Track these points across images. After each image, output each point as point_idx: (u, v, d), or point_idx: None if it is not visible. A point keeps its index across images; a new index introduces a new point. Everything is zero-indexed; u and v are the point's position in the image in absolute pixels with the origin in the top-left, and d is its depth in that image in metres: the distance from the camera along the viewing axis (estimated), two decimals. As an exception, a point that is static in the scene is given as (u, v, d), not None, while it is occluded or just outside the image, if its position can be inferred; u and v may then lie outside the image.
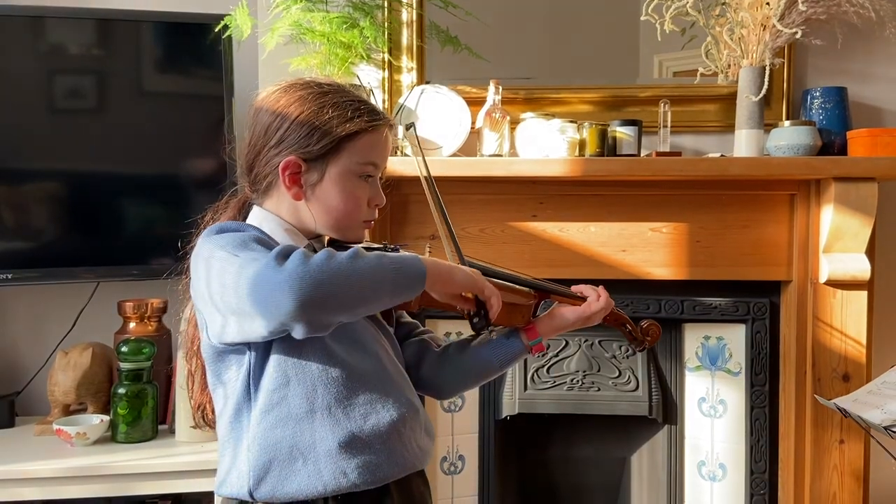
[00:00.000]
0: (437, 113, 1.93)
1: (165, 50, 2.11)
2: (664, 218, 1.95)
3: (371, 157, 1.11)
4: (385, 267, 0.96)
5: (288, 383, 1.02)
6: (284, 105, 1.08)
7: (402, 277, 0.97)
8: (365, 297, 0.94)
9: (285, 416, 1.02)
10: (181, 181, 2.09)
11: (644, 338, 1.30)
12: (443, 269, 1.02)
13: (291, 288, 0.88)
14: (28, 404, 2.14)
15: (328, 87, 1.11)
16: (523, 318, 1.18)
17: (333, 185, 1.08)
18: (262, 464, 1.01)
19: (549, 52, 2.16)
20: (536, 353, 1.20)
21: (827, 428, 1.90)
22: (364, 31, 1.86)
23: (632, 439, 2.17)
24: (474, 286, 1.04)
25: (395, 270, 0.96)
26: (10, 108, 2.00)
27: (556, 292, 1.22)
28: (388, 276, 0.96)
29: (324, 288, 0.90)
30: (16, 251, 2.02)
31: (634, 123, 1.91)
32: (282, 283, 0.89)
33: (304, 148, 1.07)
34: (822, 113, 1.94)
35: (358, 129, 1.08)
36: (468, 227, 1.95)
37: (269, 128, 1.09)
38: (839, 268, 1.85)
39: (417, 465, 1.11)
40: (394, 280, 0.96)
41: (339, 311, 0.93)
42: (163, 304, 2.07)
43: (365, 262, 0.94)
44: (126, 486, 1.78)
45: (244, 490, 1.02)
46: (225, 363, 1.04)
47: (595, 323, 1.22)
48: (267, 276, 0.90)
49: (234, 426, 1.05)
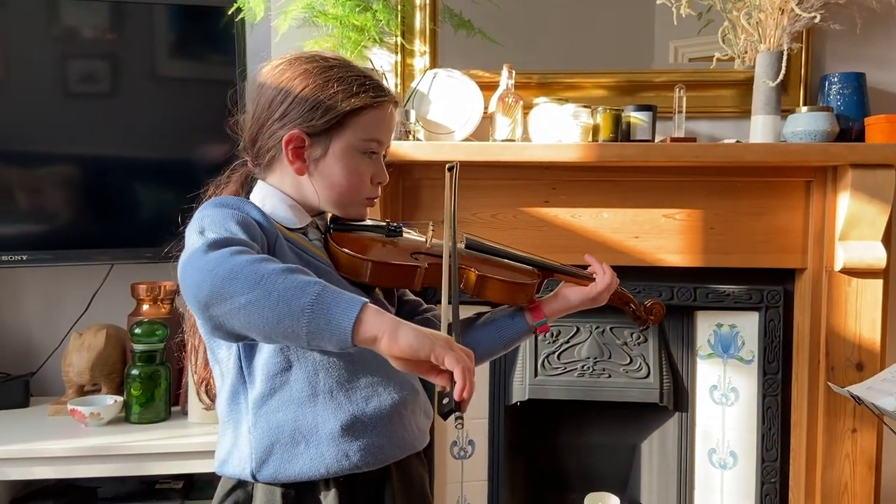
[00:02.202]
0: (450, 97, 1.92)
1: (179, 33, 2.11)
2: (678, 204, 1.94)
3: (375, 134, 1.09)
4: (304, 298, 0.82)
5: (290, 367, 1.02)
6: (289, 78, 1.07)
7: (321, 321, 0.82)
8: (268, 319, 0.83)
9: (287, 400, 1.02)
10: (194, 165, 2.09)
11: (647, 317, 1.29)
12: (384, 327, 0.82)
13: (199, 278, 0.87)
14: (42, 385, 2.16)
15: (333, 62, 1.09)
16: (526, 297, 1.17)
17: (337, 161, 1.07)
18: (264, 446, 1.02)
19: (563, 37, 2.14)
20: (541, 334, 1.19)
21: (839, 417, 1.89)
22: (377, 14, 1.85)
23: (642, 426, 2.17)
24: (425, 351, 0.82)
25: (314, 307, 0.81)
26: (25, 92, 2.01)
27: (561, 271, 1.21)
28: (301, 309, 0.82)
29: (224, 287, 0.84)
30: (30, 233, 2.04)
31: (649, 109, 1.90)
32: (195, 270, 0.88)
33: (308, 122, 1.05)
34: (840, 99, 1.92)
35: (363, 105, 1.06)
36: (480, 213, 1.95)
37: (273, 101, 1.08)
38: (855, 256, 1.83)
39: (417, 446, 1.11)
40: (309, 317, 0.82)
41: (236, 319, 0.85)
42: (176, 287, 2.08)
43: (287, 281, 0.83)
44: (139, 466, 1.80)
45: (246, 471, 1.03)
46: (216, 341, 1.04)
47: (601, 303, 1.22)
48: (191, 259, 0.90)
49: (232, 407, 1.05)
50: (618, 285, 1.23)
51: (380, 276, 1.07)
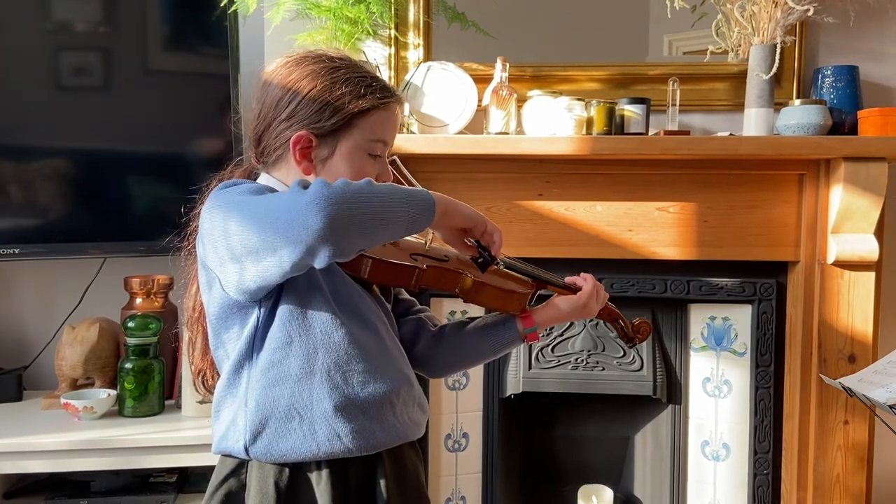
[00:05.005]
0: (444, 90, 1.92)
1: (172, 25, 2.10)
2: (671, 197, 1.94)
3: (381, 135, 1.11)
4: (398, 193, 0.99)
5: (290, 343, 1.03)
6: (296, 79, 1.08)
7: (415, 205, 0.99)
8: (384, 220, 0.96)
9: (284, 375, 1.03)
10: (187, 158, 2.08)
11: (635, 335, 1.33)
12: (449, 203, 1.06)
13: (319, 206, 0.90)
14: (35, 379, 2.16)
15: (340, 62, 1.10)
16: (519, 306, 1.19)
17: (343, 161, 1.08)
18: (259, 420, 1.03)
19: (557, 30, 2.14)
20: (531, 342, 1.21)
21: (831, 409, 1.90)
22: (370, 7, 1.85)
23: (636, 419, 2.18)
24: (478, 221, 1.10)
25: (408, 197, 0.99)
26: (17, 84, 2.00)
27: (552, 283, 1.24)
28: (401, 202, 0.98)
29: (348, 207, 0.92)
30: (23, 227, 2.03)
31: (643, 102, 1.90)
32: (308, 203, 0.91)
33: (316, 123, 1.07)
34: (833, 92, 1.92)
35: (370, 106, 1.08)
36: (474, 206, 1.90)
37: (279, 101, 1.08)
38: (847, 248, 1.84)
39: (410, 436, 1.12)
40: (408, 208, 0.98)
41: (361, 233, 0.95)
42: (169, 281, 2.08)
43: (381, 187, 0.98)
44: (132, 459, 1.80)
45: (240, 445, 1.04)
46: (227, 322, 1.05)
47: (591, 316, 1.25)
48: (293, 201, 0.92)
49: (232, 383, 1.06)
50: (607, 298, 1.26)
51: (379, 273, 1.08)
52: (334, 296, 1.05)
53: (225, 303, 1.04)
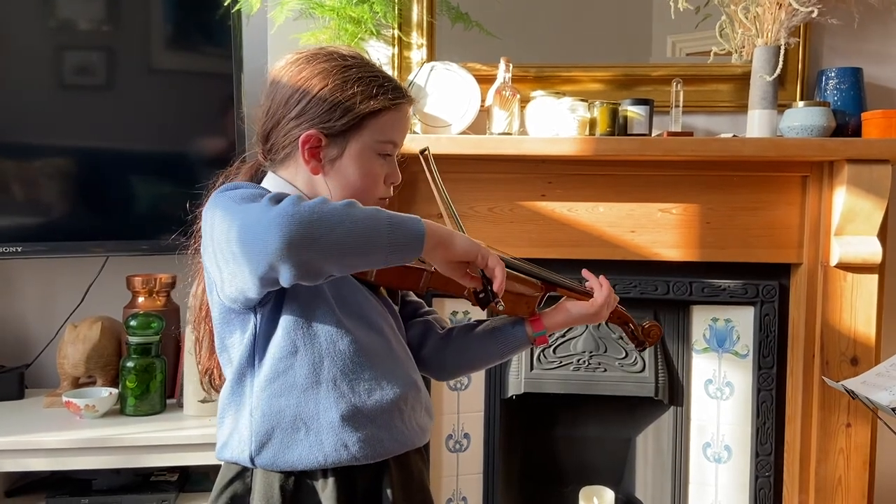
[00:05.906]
0: (447, 90, 1.92)
1: (174, 25, 2.10)
2: (674, 199, 1.94)
3: (391, 136, 1.09)
4: (381, 220, 0.92)
5: (296, 353, 1.02)
6: (307, 77, 1.06)
7: (399, 235, 0.92)
8: (356, 246, 0.90)
9: (290, 385, 1.02)
10: (190, 157, 2.08)
11: (645, 338, 1.31)
12: (443, 234, 0.97)
13: (279, 225, 0.86)
14: (37, 377, 2.16)
15: (352, 61, 1.08)
16: (528, 309, 1.18)
17: (352, 162, 1.06)
18: (264, 430, 1.02)
19: (561, 30, 2.14)
20: (540, 346, 1.20)
21: (834, 411, 1.89)
22: (374, 6, 1.85)
23: (637, 420, 2.18)
24: (476, 254, 1.00)
25: (391, 226, 0.92)
26: (20, 83, 2.00)
27: (562, 286, 1.21)
28: (383, 230, 0.91)
29: (312, 228, 0.87)
30: (26, 225, 2.03)
31: (646, 103, 1.90)
32: (272, 220, 0.87)
33: (326, 123, 1.04)
34: (837, 94, 1.92)
35: (381, 107, 1.06)
36: (476, 206, 1.94)
37: (289, 99, 1.06)
38: (850, 251, 1.83)
39: (417, 443, 1.11)
40: (389, 236, 0.91)
41: (328, 256, 0.89)
42: (171, 279, 2.08)
43: (360, 211, 0.91)
44: (134, 458, 1.80)
45: (245, 455, 1.03)
46: (229, 327, 1.04)
47: (601, 320, 1.22)
48: (260, 217, 0.89)
49: (235, 391, 1.05)
50: (617, 302, 1.23)
51: (386, 275, 1.07)
52: (339, 301, 1.04)
53: (224, 306, 1.03)
